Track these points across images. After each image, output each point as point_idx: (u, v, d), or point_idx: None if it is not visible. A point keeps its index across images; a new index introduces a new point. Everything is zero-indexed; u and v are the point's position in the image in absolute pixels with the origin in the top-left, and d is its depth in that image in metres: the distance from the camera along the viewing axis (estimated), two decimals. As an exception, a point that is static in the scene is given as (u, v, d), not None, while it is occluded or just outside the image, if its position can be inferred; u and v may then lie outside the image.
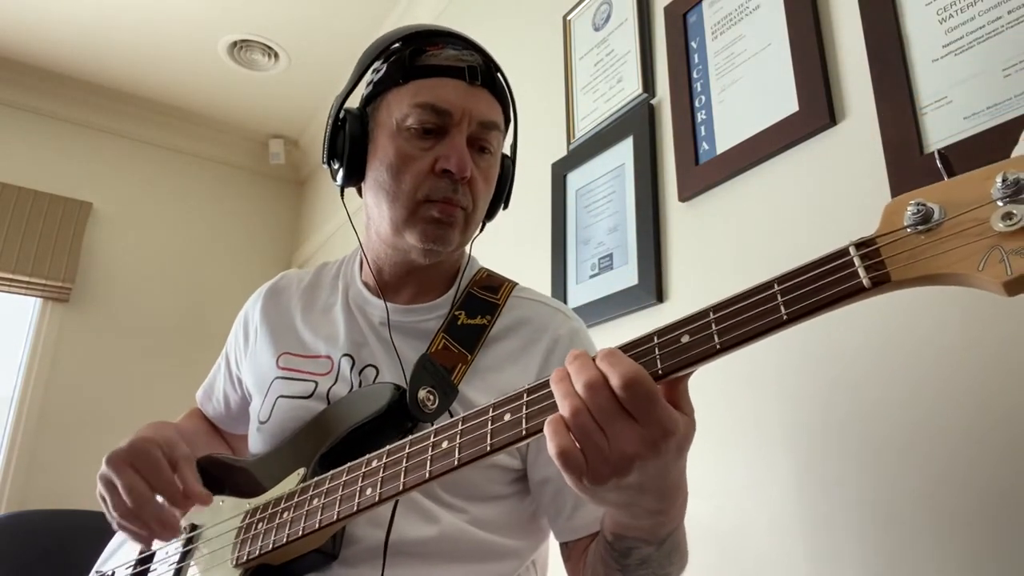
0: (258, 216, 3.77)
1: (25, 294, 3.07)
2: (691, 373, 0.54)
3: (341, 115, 0.89)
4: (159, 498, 0.78)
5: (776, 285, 0.51)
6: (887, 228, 0.48)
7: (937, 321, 0.92)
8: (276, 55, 3.11)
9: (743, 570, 1.10)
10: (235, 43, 3.05)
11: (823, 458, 1.02)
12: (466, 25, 0.91)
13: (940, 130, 0.96)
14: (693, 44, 1.41)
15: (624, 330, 1.43)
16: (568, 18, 1.83)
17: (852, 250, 0.49)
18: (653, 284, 1.36)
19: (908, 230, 0.47)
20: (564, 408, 0.53)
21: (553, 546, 0.94)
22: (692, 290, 1.31)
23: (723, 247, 1.26)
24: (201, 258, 3.51)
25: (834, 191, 1.09)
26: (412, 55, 0.86)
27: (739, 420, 1.15)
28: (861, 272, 0.47)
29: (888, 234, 0.48)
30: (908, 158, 0.98)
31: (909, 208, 0.47)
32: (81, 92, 3.32)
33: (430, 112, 0.83)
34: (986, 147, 0.89)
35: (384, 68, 0.88)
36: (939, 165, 0.49)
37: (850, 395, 1.00)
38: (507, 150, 0.97)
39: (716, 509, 1.14)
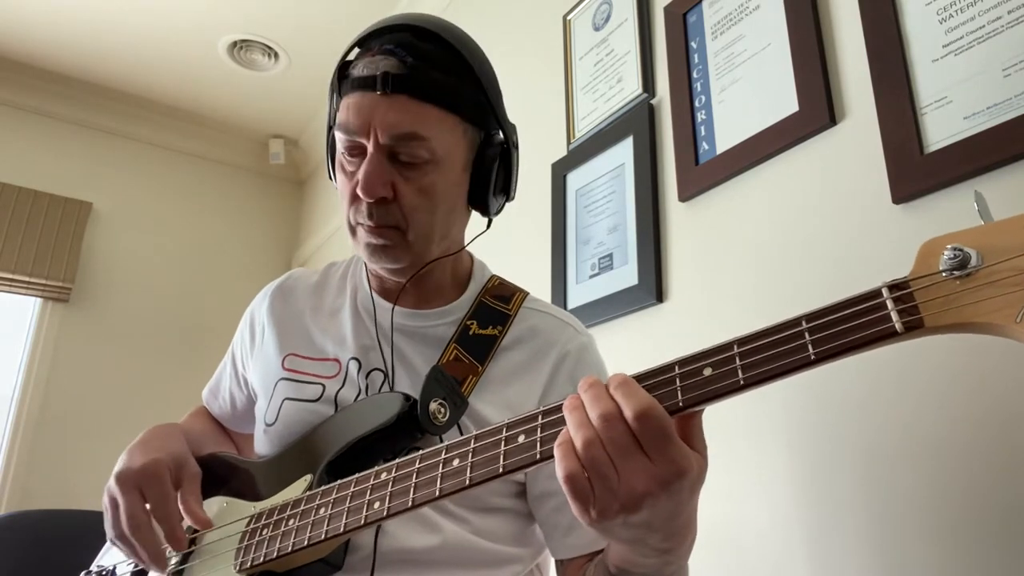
0: (258, 216, 3.76)
1: (25, 294, 3.07)
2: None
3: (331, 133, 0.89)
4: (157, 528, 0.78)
5: (804, 323, 0.50)
6: (922, 270, 0.47)
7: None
8: (276, 55, 3.11)
9: (745, 573, 1.10)
10: (235, 43, 3.05)
11: (825, 464, 1.02)
12: (465, 26, 0.90)
13: (940, 130, 0.96)
14: (693, 44, 1.41)
15: (624, 330, 1.43)
16: (568, 18, 1.83)
17: (885, 292, 0.48)
18: (653, 284, 1.36)
19: (943, 275, 0.46)
20: (577, 438, 0.51)
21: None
22: (692, 290, 1.31)
23: (723, 247, 1.26)
24: (201, 258, 3.50)
25: (834, 191, 1.09)
26: (341, 69, 0.83)
27: (742, 424, 1.14)
28: (894, 316, 0.47)
29: (923, 277, 0.47)
30: (908, 158, 0.98)
31: (945, 252, 0.46)
32: (81, 92, 3.32)
33: (344, 133, 0.81)
34: (986, 147, 0.89)
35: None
36: (976, 207, 0.48)
37: (853, 401, 1.00)
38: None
39: (718, 513, 1.14)
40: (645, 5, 1.58)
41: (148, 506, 0.79)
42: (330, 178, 0.92)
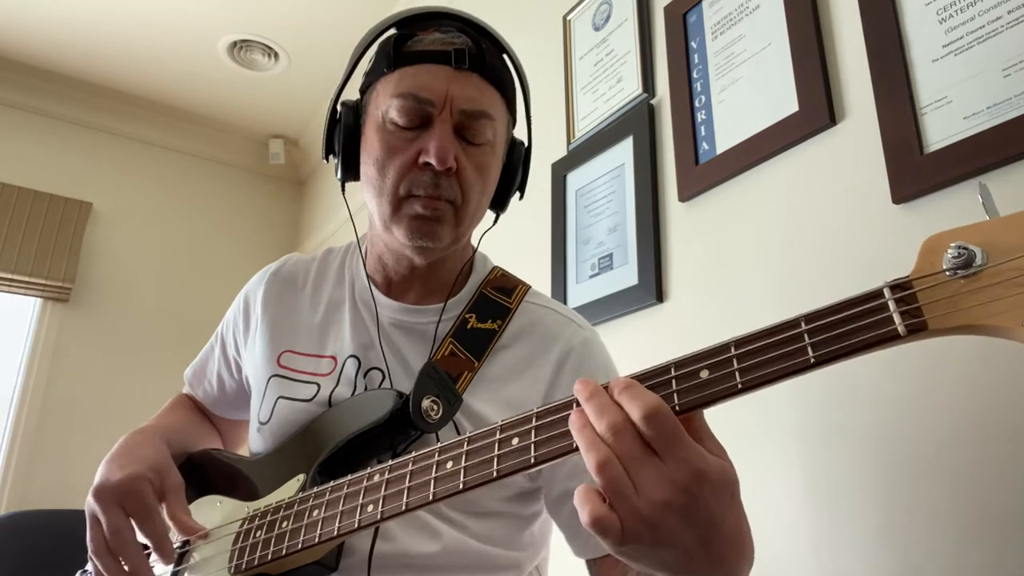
0: (258, 216, 3.76)
1: (25, 294, 3.07)
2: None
3: (338, 108, 0.87)
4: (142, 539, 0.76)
5: (803, 324, 0.48)
6: (924, 269, 0.45)
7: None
8: (276, 55, 3.11)
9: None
10: (235, 43, 3.05)
11: (831, 460, 1.02)
12: (466, 25, 0.90)
13: (940, 130, 0.96)
14: (693, 44, 1.41)
15: (624, 330, 1.43)
16: (568, 18, 1.83)
17: (887, 292, 0.45)
18: (653, 284, 1.36)
19: (947, 274, 0.44)
20: (591, 461, 0.48)
21: (553, 550, 0.93)
22: (692, 290, 1.31)
23: (723, 247, 1.26)
24: (201, 258, 3.51)
25: (834, 191, 1.09)
26: (398, 42, 0.82)
27: (748, 421, 1.14)
28: (896, 318, 0.44)
29: (925, 277, 0.45)
30: (908, 158, 0.98)
31: (949, 251, 0.44)
32: (81, 92, 3.32)
33: (411, 101, 0.78)
34: (986, 147, 0.89)
35: (374, 57, 0.84)
36: (981, 200, 0.46)
37: (859, 398, 1.00)
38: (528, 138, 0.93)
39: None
40: (645, 5, 1.58)
41: (132, 522, 0.77)
42: (324, 158, 0.90)
